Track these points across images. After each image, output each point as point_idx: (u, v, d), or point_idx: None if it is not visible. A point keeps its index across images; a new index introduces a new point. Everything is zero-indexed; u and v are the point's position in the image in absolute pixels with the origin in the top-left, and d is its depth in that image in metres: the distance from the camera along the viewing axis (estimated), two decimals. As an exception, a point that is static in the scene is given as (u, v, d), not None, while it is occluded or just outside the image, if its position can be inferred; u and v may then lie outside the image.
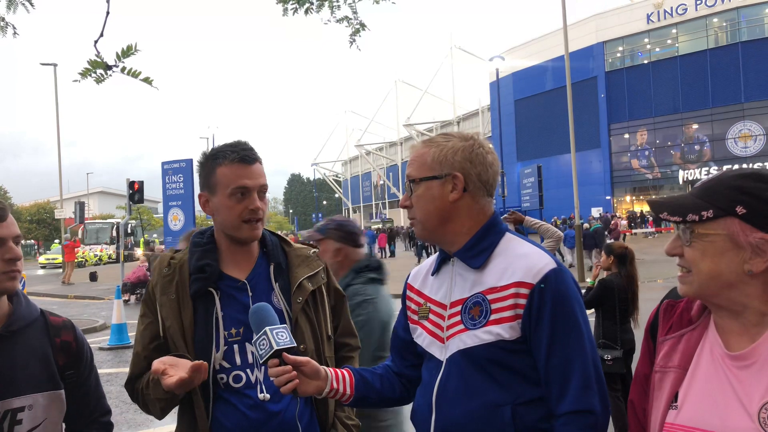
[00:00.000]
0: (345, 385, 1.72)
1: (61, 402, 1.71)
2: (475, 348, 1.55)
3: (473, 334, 1.56)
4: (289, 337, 1.60)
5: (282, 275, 2.05)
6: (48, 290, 21.95)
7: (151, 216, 48.56)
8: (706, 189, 1.26)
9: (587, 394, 1.51)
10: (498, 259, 1.62)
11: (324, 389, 1.67)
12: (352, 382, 1.73)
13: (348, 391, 1.73)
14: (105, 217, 47.47)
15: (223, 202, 1.96)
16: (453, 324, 1.62)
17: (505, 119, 49.33)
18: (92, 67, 2.17)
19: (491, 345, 1.54)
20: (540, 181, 20.67)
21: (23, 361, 1.65)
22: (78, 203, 29.05)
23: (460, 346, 1.58)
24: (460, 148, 1.66)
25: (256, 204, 1.95)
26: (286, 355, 1.57)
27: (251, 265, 2.05)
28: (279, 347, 1.57)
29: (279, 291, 2.02)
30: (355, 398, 1.75)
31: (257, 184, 1.97)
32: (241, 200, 1.95)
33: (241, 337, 1.93)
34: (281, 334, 1.59)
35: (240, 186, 1.96)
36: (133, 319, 11.92)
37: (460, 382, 1.57)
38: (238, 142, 2.04)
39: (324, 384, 1.66)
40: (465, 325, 1.59)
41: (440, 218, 1.65)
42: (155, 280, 2.03)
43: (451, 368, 1.59)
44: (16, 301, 1.72)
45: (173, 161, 21.20)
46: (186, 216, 21.31)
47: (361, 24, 3.84)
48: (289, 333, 1.62)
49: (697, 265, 1.23)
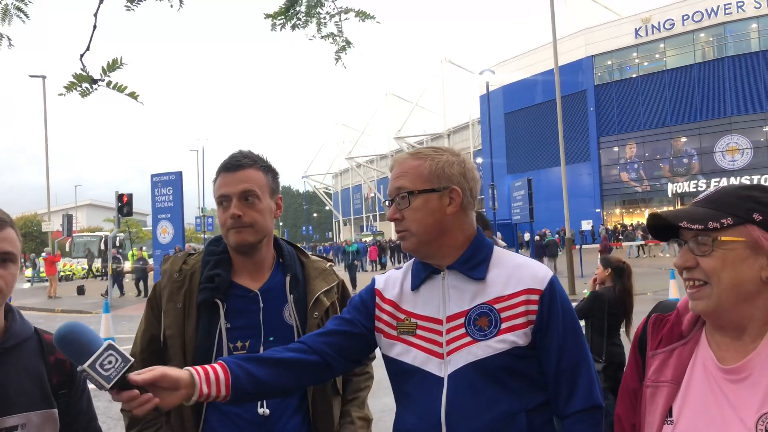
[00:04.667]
0: (218, 387, 1.51)
1: (54, 421, 1.66)
2: (488, 359, 1.54)
3: (485, 344, 1.54)
4: (119, 357, 1.34)
5: (298, 287, 2.01)
6: (34, 304, 21.67)
7: (140, 229, 48.25)
8: (714, 201, 1.27)
9: (594, 392, 1.59)
10: (497, 270, 1.62)
11: (192, 396, 1.47)
12: (228, 381, 1.52)
13: (222, 391, 1.52)
14: (93, 230, 47.14)
15: (217, 212, 2.00)
16: (455, 338, 1.58)
17: (496, 132, 49.56)
18: (78, 81, 2.15)
19: (505, 353, 1.54)
20: (530, 194, 20.71)
21: (17, 379, 1.60)
22: (66, 216, 28.81)
23: (469, 359, 1.55)
24: (455, 162, 1.66)
25: (232, 210, 1.92)
26: (132, 379, 1.36)
27: (265, 275, 2.01)
28: (118, 377, 1.33)
29: (293, 304, 1.97)
30: (233, 398, 1.55)
31: (237, 190, 1.93)
32: (226, 208, 1.94)
33: (247, 350, 1.89)
34: (109, 359, 1.33)
35: (221, 195, 1.96)
36: (120, 333, 11.81)
37: (472, 395, 1.54)
38: (235, 152, 2.02)
39: (191, 391, 1.47)
40: (473, 337, 1.56)
41: (438, 231, 1.63)
42: (164, 283, 1.99)
43: (459, 383, 1.55)
44: (11, 318, 1.67)
45: (163, 174, 21.12)
46: (175, 229, 21.21)
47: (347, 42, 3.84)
48: (118, 350, 1.35)
49: (718, 275, 1.22)
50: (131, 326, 14.49)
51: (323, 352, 1.67)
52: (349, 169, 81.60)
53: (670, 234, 1.34)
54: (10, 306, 1.68)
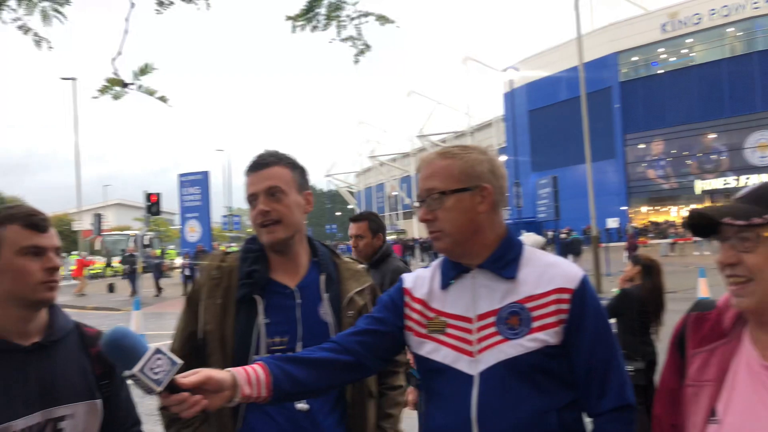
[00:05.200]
0: (259, 388, 1.53)
1: (98, 412, 1.73)
2: (519, 357, 1.55)
3: (516, 343, 1.55)
4: (168, 360, 1.35)
5: (332, 287, 2.04)
6: (65, 301, 22.11)
7: (168, 227, 48.86)
8: (759, 196, 1.28)
9: (626, 391, 1.59)
10: (527, 269, 1.63)
11: (235, 397, 1.49)
12: (269, 382, 1.55)
13: (263, 393, 1.54)
14: (122, 229, 47.87)
15: (249, 212, 2.05)
16: (486, 336, 1.59)
17: (520, 130, 49.19)
18: (110, 85, 2.24)
19: (536, 352, 1.55)
20: (556, 191, 20.54)
21: (63, 371, 1.68)
22: (96, 215, 29.31)
23: (500, 358, 1.56)
24: (484, 161, 1.67)
25: (259, 207, 1.97)
26: (180, 382, 1.38)
27: (301, 273, 2.05)
28: (167, 382, 1.34)
29: (328, 302, 2.00)
30: (274, 398, 1.58)
31: (263, 187, 1.97)
32: (254, 206, 1.99)
33: (285, 347, 1.92)
34: (158, 362, 1.33)
35: (249, 194, 2.01)
36: (150, 330, 12.00)
37: (503, 394, 1.55)
38: (261, 152, 2.08)
39: (233, 392, 1.49)
40: (504, 336, 1.57)
41: (471, 231, 1.64)
42: (203, 281, 2.03)
43: (490, 381, 1.56)
44: (53, 312, 1.75)
45: (190, 173, 21.38)
46: (203, 227, 21.46)
47: (366, 45, 3.88)
48: (166, 353, 1.36)
49: (762, 271, 1.22)
50: (161, 323, 14.71)
51: (356, 351, 1.70)
52: (372, 167, 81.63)
53: (710, 231, 1.34)
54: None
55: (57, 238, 1.71)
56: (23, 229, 1.62)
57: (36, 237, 1.64)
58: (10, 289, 1.61)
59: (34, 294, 1.62)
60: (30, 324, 1.66)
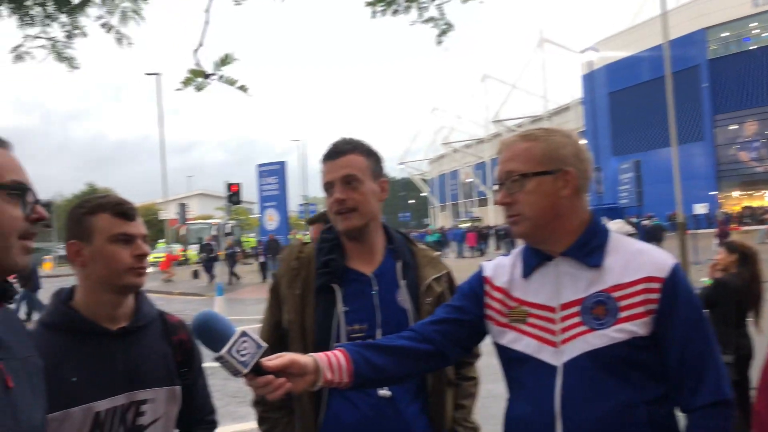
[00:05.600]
0: (341, 373, 1.55)
1: (177, 398, 1.79)
2: (605, 348, 1.49)
3: (602, 333, 1.49)
4: (254, 343, 1.39)
5: (409, 273, 2.04)
6: (153, 287, 23.30)
7: (248, 216, 50.49)
8: None
9: (723, 385, 1.51)
10: (614, 256, 1.57)
11: (317, 381, 1.52)
12: (350, 369, 1.56)
13: (345, 378, 1.56)
14: (205, 218, 49.83)
15: (325, 200, 2.07)
16: (570, 326, 1.54)
17: (600, 113, 47.52)
18: (193, 76, 2.29)
19: (624, 343, 1.48)
20: (639, 176, 19.72)
21: (146, 357, 1.74)
22: (180, 205, 30.65)
23: (585, 348, 1.51)
24: (568, 144, 1.62)
25: (336, 195, 1.98)
26: (265, 365, 1.41)
27: (377, 260, 2.05)
28: (254, 362, 1.38)
29: (405, 289, 2.00)
30: (354, 384, 1.59)
31: (339, 175, 1.98)
32: (330, 195, 2.01)
33: (364, 334, 1.93)
34: (244, 345, 1.37)
35: (325, 182, 2.02)
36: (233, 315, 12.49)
37: (588, 385, 1.50)
38: (336, 139, 2.07)
39: (316, 376, 1.51)
40: (589, 326, 1.51)
41: (552, 216, 1.59)
42: (282, 272, 2.08)
43: (574, 372, 1.52)
44: (140, 299, 1.81)
45: (268, 164, 21.98)
46: (280, 215, 22.04)
47: (448, 24, 3.82)
48: (251, 336, 1.40)
49: None
50: (243, 309, 15.30)
51: (435, 341, 1.68)
52: (445, 154, 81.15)
53: None
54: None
55: (144, 226, 1.77)
56: (113, 218, 1.69)
57: (125, 225, 1.70)
58: (101, 275, 1.68)
59: (123, 279, 1.68)
60: (118, 309, 1.73)
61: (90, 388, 1.62)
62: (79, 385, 1.61)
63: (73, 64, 3.97)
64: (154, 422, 1.73)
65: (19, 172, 1.25)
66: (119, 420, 1.66)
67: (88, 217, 1.69)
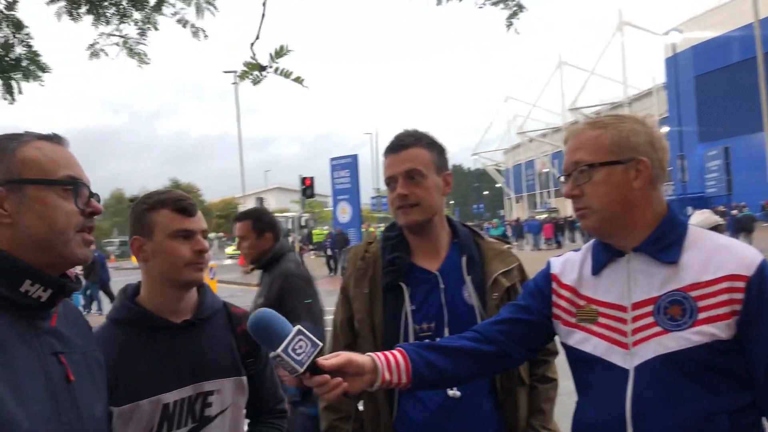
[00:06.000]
0: (399, 374, 1.52)
1: (244, 388, 1.82)
2: (682, 352, 1.38)
3: (678, 336, 1.39)
4: (309, 342, 1.39)
5: (475, 268, 1.99)
6: (233, 278, 24.16)
7: (322, 209, 51.33)
8: None
9: None
10: (692, 252, 1.45)
11: (375, 382, 1.50)
12: (408, 369, 1.54)
13: (403, 379, 1.53)
14: (282, 211, 51.08)
15: (387, 194, 2.04)
16: (642, 327, 1.44)
17: (684, 97, 45.19)
18: (249, 69, 2.32)
19: (703, 347, 1.37)
20: (728, 163, 18.65)
21: (211, 348, 1.77)
22: (258, 199, 31.53)
23: (659, 351, 1.41)
24: (641, 131, 1.51)
25: (398, 191, 1.94)
26: (322, 364, 1.41)
27: (442, 256, 2.02)
28: (309, 362, 1.37)
29: (471, 284, 1.96)
30: (413, 385, 1.56)
31: (402, 170, 1.95)
32: (393, 189, 1.98)
33: (432, 333, 1.90)
34: (300, 343, 1.37)
35: (388, 176, 1.99)
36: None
37: (662, 391, 1.40)
38: (400, 132, 2.04)
39: (374, 377, 1.49)
40: (663, 327, 1.41)
41: (623, 208, 1.49)
42: (350, 272, 2.08)
43: (647, 376, 1.42)
44: (203, 292, 1.86)
45: (340, 157, 22.21)
46: (353, 208, 22.26)
47: (519, 6, 3.70)
48: (308, 335, 1.39)
49: None
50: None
51: (498, 341, 1.63)
52: (521, 144, 79.51)
53: None
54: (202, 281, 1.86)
55: (204, 221, 1.80)
56: (173, 214, 1.73)
57: (184, 221, 1.73)
58: (162, 270, 1.73)
59: (183, 275, 1.72)
60: (181, 303, 1.77)
61: (158, 381, 1.67)
62: (147, 378, 1.66)
63: (143, 59, 4.12)
64: (222, 412, 1.76)
65: (74, 167, 1.28)
66: (187, 411, 1.70)
67: (149, 213, 1.73)
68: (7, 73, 3.90)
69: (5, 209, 1.19)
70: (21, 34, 3.90)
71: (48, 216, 1.21)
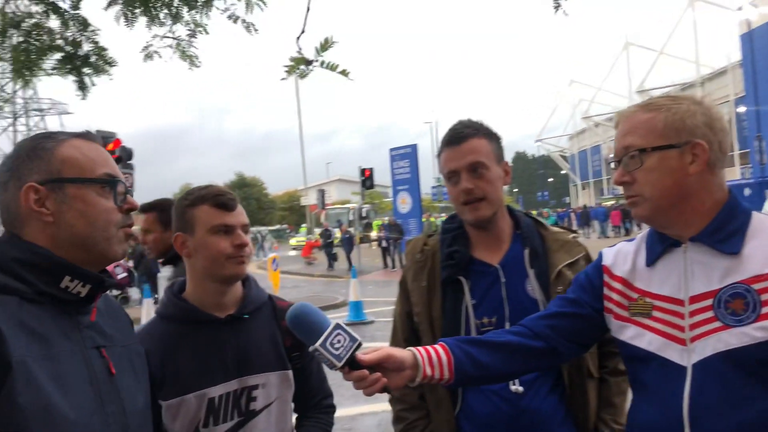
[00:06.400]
0: (441, 369, 1.48)
1: (290, 382, 1.82)
2: (743, 349, 1.29)
3: (740, 331, 1.30)
4: (348, 336, 1.38)
5: (538, 261, 1.92)
6: (297, 269, 24.65)
7: (382, 200, 51.54)
8: None
9: None
10: (756, 242, 1.35)
11: (416, 377, 1.46)
12: (450, 364, 1.49)
13: (446, 375, 1.49)
14: (343, 203, 51.61)
15: (447, 188, 1.97)
16: (701, 322, 1.35)
17: (761, 75, 42.70)
18: (295, 64, 2.31)
19: (767, 344, 1.27)
20: (809, 144, 17.52)
21: (255, 342, 1.78)
22: (319, 191, 31.96)
23: (719, 348, 1.32)
24: (698, 112, 1.40)
25: (464, 185, 1.87)
26: (360, 359, 1.38)
27: (503, 249, 1.96)
28: (347, 357, 1.36)
29: (534, 278, 1.89)
30: (456, 381, 1.51)
31: (465, 163, 1.88)
32: (455, 183, 1.91)
33: (493, 326, 1.86)
34: (338, 338, 1.37)
35: (448, 171, 1.93)
36: (365, 297, 12.88)
37: (722, 390, 1.31)
38: (455, 123, 1.98)
39: (415, 372, 1.46)
40: (724, 322, 1.32)
41: (678, 195, 1.39)
42: (409, 264, 2.06)
43: (706, 375, 1.33)
44: (248, 286, 1.86)
45: (400, 147, 22.21)
46: (413, 199, 22.24)
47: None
48: (346, 330, 1.38)
49: None
50: (375, 290, 15.90)
51: (547, 336, 1.57)
52: (586, 129, 77.32)
53: None
54: (246, 274, 1.87)
55: (244, 215, 1.80)
56: (212, 209, 1.73)
57: (224, 216, 1.74)
58: (204, 265, 1.74)
59: (224, 269, 1.73)
60: (225, 297, 1.78)
61: (203, 376, 1.69)
62: (193, 373, 1.68)
63: (194, 62, 4.21)
64: (268, 406, 1.76)
65: (110, 164, 1.31)
66: (233, 405, 1.71)
67: (190, 209, 1.75)
68: (78, 69, 4.05)
69: (47, 208, 1.22)
70: (87, 32, 4.05)
71: (89, 213, 1.24)
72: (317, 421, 1.91)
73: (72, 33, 3.98)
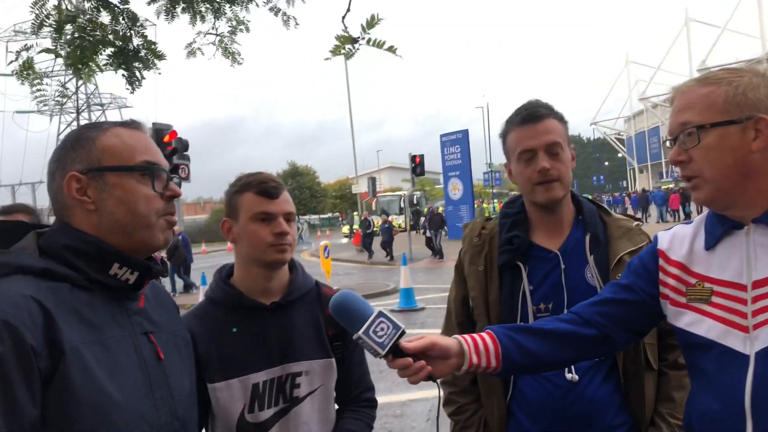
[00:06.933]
0: (488, 357, 1.44)
1: (333, 371, 1.81)
2: None
3: None
4: (391, 324, 1.37)
5: (599, 248, 1.87)
6: (348, 257, 24.84)
7: (433, 186, 51.32)
8: None
9: None
10: None
11: (462, 365, 1.44)
12: (498, 352, 1.46)
13: (493, 363, 1.45)
14: (394, 190, 51.63)
15: (516, 168, 1.91)
16: (764, 308, 1.28)
17: (835, 48, 40.35)
18: (341, 43, 2.29)
19: None
20: None
21: (300, 329, 1.78)
22: (370, 178, 32.06)
23: None
24: (761, 84, 1.31)
25: (541, 164, 1.82)
26: (404, 347, 1.37)
27: (564, 234, 1.92)
28: (391, 344, 1.35)
29: (594, 265, 1.84)
30: (504, 369, 1.48)
31: (543, 142, 1.83)
32: (529, 162, 1.85)
33: (550, 313, 1.82)
34: (381, 326, 1.36)
35: (522, 150, 1.86)
36: (415, 284, 12.86)
37: None
38: (527, 102, 1.93)
39: (461, 360, 1.43)
40: None
41: (740, 174, 1.31)
42: (465, 248, 2.04)
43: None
44: (295, 272, 1.87)
45: (450, 133, 22.04)
46: (464, 185, 22.06)
47: None
48: (389, 317, 1.37)
49: None
50: (425, 278, 15.93)
51: (598, 324, 1.51)
52: (644, 110, 74.80)
53: None
54: (294, 261, 1.87)
55: (288, 203, 1.79)
56: (255, 196, 1.74)
57: (266, 204, 1.74)
58: (247, 252, 1.76)
59: (265, 256, 1.74)
60: (271, 282, 1.79)
61: (247, 361, 1.70)
62: (238, 357, 1.70)
63: (237, 59, 4.23)
64: (311, 393, 1.76)
65: (151, 152, 1.31)
66: (277, 391, 1.72)
67: (236, 196, 1.76)
68: (128, 64, 4.14)
69: (89, 196, 1.24)
70: (137, 27, 4.13)
71: (128, 201, 1.25)
72: (360, 414, 1.88)
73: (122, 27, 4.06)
